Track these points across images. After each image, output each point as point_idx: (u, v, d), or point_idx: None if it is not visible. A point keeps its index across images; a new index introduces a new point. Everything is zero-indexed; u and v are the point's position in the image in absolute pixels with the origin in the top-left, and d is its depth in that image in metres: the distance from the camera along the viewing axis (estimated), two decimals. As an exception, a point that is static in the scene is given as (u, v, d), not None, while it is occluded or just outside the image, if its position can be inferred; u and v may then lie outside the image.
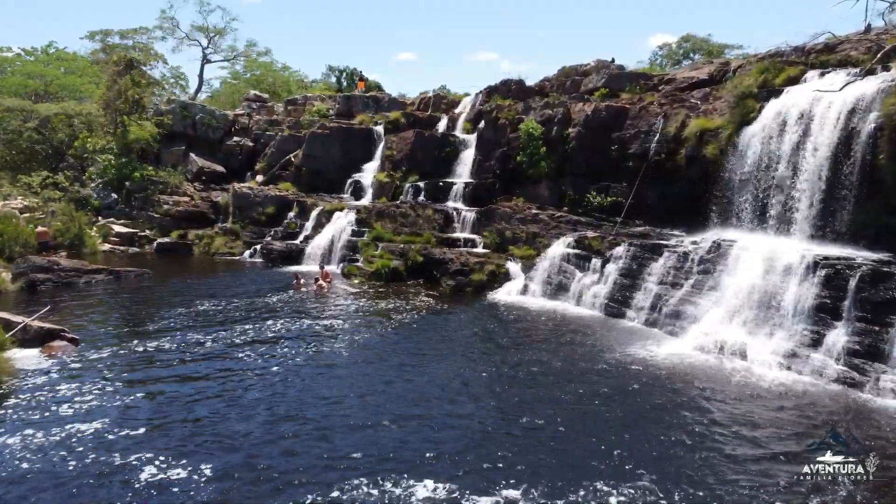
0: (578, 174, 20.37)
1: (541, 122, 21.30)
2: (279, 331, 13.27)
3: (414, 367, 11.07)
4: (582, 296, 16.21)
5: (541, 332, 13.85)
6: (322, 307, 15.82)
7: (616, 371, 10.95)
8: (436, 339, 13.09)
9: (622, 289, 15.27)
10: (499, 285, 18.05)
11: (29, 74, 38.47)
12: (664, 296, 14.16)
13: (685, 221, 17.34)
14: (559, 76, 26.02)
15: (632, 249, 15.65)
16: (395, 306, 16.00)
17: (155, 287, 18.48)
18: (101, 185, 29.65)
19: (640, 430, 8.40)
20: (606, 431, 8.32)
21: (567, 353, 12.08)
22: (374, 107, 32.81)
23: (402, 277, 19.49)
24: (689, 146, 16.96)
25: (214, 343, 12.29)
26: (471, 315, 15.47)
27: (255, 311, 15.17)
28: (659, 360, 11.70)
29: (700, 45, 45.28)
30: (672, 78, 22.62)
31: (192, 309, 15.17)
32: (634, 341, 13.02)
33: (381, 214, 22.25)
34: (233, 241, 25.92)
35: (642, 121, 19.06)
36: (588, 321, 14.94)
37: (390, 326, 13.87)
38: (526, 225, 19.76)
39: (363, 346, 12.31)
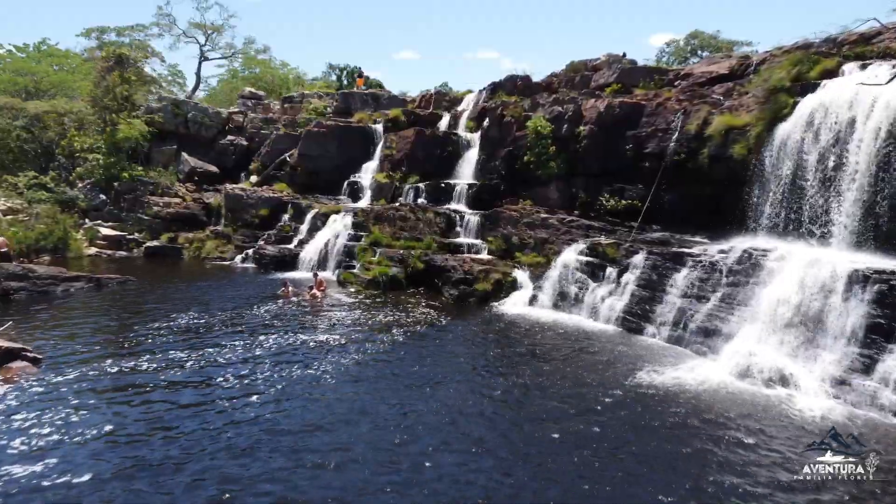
0: (590, 175, 19.04)
1: (550, 120, 19.97)
2: (265, 349, 11.99)
3: (409, 394, 9.78)
4: (596, 308, 14.90)
5: (552, 351, 12.55)
6: (314, 320, 14.55)
7: (640, 400, 9.63)
8: (435, 359, 11.79)
9: (641, 301, 13.96)
10: (505, 295, 16.76)
11: (18, 71, 37.30)
12: (689, 310, 12.85)
13: (707, 227, 16.04)
14: (567, 71, 24.68)
15: (651, 258, 14.34)
16: (393, 319, 14.72)
17: (137, 296, 17.23)
18: (88, 186, 28.43)
19: (675, 477, 7.10)
20: (637, 484, 7.03)
21: (583, 376, 10.77)
22: (373, 104, 31.55)
23: (401, 286, 18.22)
24: (712, 145, 15.63)
25: (193, 363, 11.03)
26: (475, 330, 14.18)
27: (241, 324, 13.92)
28: (688, 385, 10.40)
29: (708, 41, 44.03)
30: (689, 73, 21.30)
31: (172, 322, 13.92)
32: (658, 361, 11.73)
33: (380, 217, 20.98)
34: (224, 244, 24.69)
35: (660, 118, 17.73)
36: (604, 337, 13.64)
37: (386, 344, 12.57)
38: (534, 230, 18.43)
39: (353, 370, 11.01)
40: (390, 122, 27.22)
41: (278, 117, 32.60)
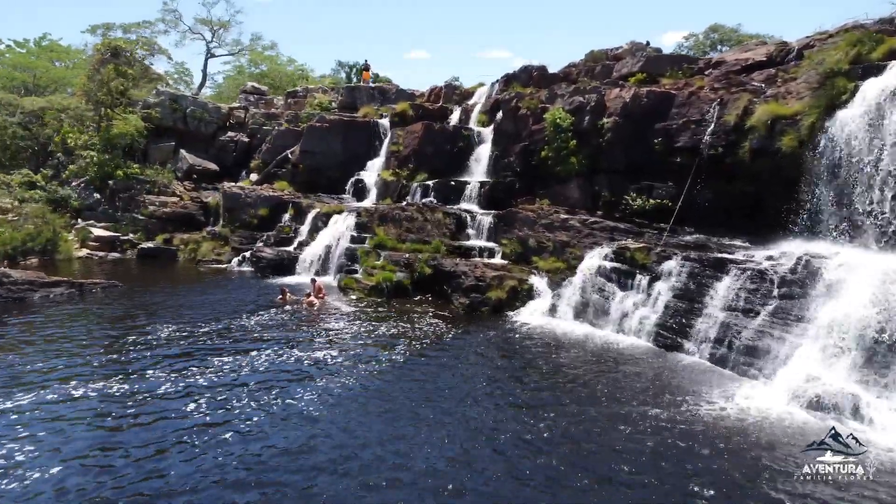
0: (615, 172, 17.35)
1: (570, 111, 18.31)
2: (252, 370, 10.51)
3: (410, 430, 8.24)
4: (625, 321, 13.28)
5: (576, 369, 10.97)
6: (309, 333, 13.07)
7: (682, 432, 8.07)
8: (442, 383, 10.24)
9: (677, 314, 12.32)
10: (521, 304, 15.19)
11: (16, 66, 36.27)
12: (735, 326, 11.19)
13: (748, 229, 14.37)
14: (587, 61, 22.99)
15: (687, 265, 12.68)
16: (396, 332, 13.21)
17: (120, 303, 15.87)
18: (82, 185, 27.23)
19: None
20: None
21: (619, 406, 9.18)
22: (380, 99, 30.11)
23: (406, 292, 16.71)
24: (755, 137, 13.92)
25: (170, 386, 9.61)
26: (488, 346, 12.62)
27: (229, 337, 12.50)
28: (736, 415, 8.81)
29: (729, 35, 42.12)
30: (721, 60, 19.56)
31: (153, 335, 12.52)
32: (700, 385, 10.12)
33: (385, 218, 19.47)
34: (221, 246, 23.35)
35: (692, 108, 16.04)
36: (635, 354, 12.03)
37: (385, 365, 11.04)
38: (553, 232, 16.81)
39: (346, 398, 9.47)
40: (397, 116, 25.71)
41: (281, 113, 31.26)
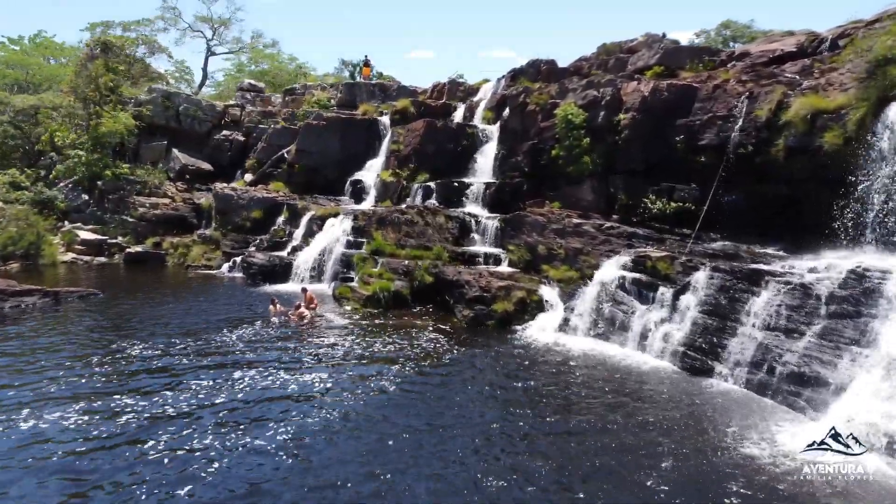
0: (632, 172, 15.97)
1: (582, 107, 16.93)
2: (229, 395, 9.23)
3: (406, 472, 6.94)
4: (646, 338, 11.92)
5: (592, 396, 9.64)
6: (296, 351, 11.77)
7: (714, 477, 6.77)
8: (441, 409, 8.95)
9: (706, 332, 10.96)
10: (530, 318, 13.86)
11: (8, 63, 35.25)
12: (776, 348, 9.81)
13: (781, 236, 13.00)
14: (599, 54, 21.61)
15: (717, 277, 11.31)
16: (393, 350, 11.91)
17: (96, 315, 14.66)
18: (70, 186, 26.09)
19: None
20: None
21: (645, 444, 7.85)
22: (380, 96, 28.83)
23: (405, 303, 15.43)
24: (791, 134, 12.53)
25: (132, 417, 8.38)
26: (493, 365, 11.30)
27: (206, 357, 11.23)
28: (780, 457, 7.50)
29: (741, 31, 40.77)
30: (745, 52, 18.19)
31: (124, 353, 11.29)
32: (736, 418, 8.79)
33: (383, 222, 18.17)
34: (212, 250, 22.14)
35: (718, 103, 14.65)
36: (659, 377, 10.69)
37: (380, 388, 9.74)
38: (564, 238, 15.44)
39: (334, 427, 8.22)
40: (398, 114, 24.41)
41: (278, 111, 30.03)
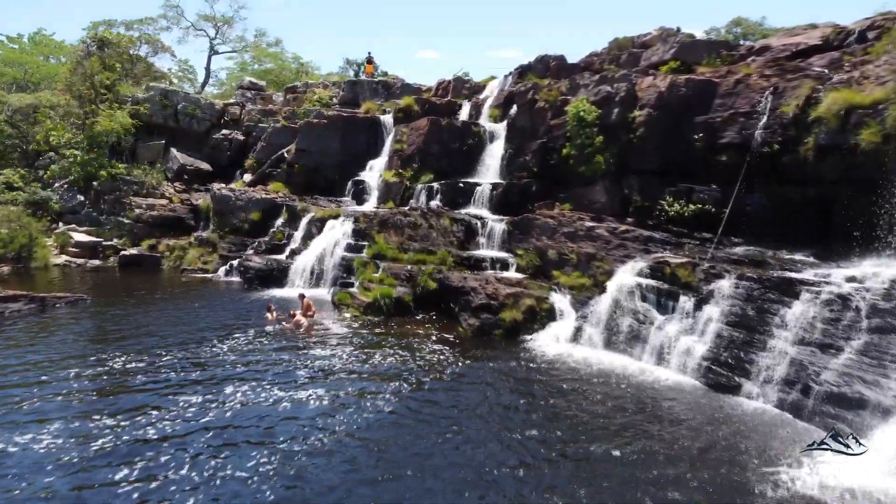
0: (648, 172, 15.10)
1: (595, 103, 16.08)
2: (217, 414, 8.46)
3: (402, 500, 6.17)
4: (666, 351, 11.09)
5: (607, 414, 8.84)
6: (292, 363, 10.97)
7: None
8: (444, 429, 8.15)
9: (732, 346, 10.11)
10: (540, 327, 13.05)
11: (6, 62, 34.71)
12: (811, 365, 8.97)
13: (810, 241, 12.12)
14: (611, 49, 20.75)
15: (744, 285, 10.46)
16: (394, 363, 11.12)
17: (83, 322, 13.95)
18: (65, 186, 25.46)
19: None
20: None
21: (653, 462, 7.03)
22: (384, 94, 28.06)
23: (408, 310, 14.65)
24: (823, 131, 11.67)
25: (107, 440, 7.64)
26: (500, 379, 10.49)
27: (195, 369, 10.48)
28: (817, 490, 6.66)
29: (753, 28, 39.95)
30: (766, 46, 17.27)
31: (106, 367, 10.53)
32: (767, 441, 7.97)
33: (385, 224, 17.39)
34: (209, 253, 21.42)
35: (740, 98, 13.79)
36: (682, 394, 9.86)
37: (378, 406, 8.95)
38: (576, 242, 14.60)
39: (332, 451, 7.43)
40: (401, 112, 23.63)
41: (279, 109, 29.31)
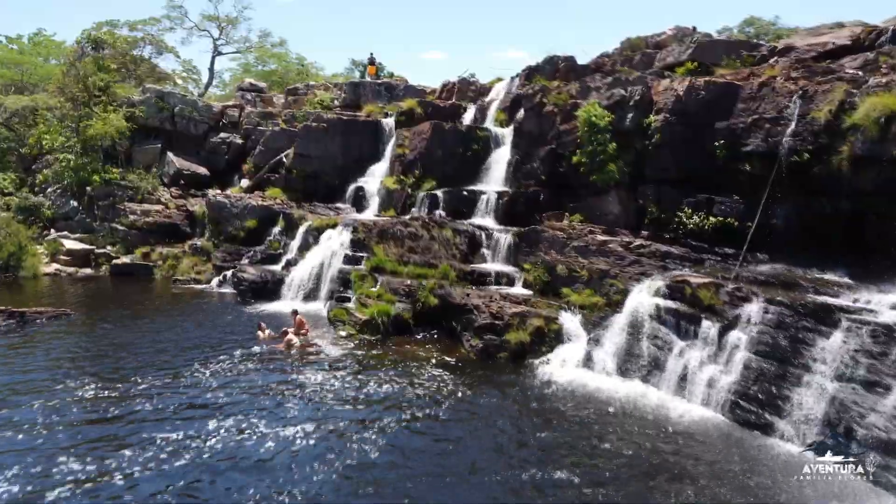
0: (665, 182, 14.11)
1: (608, 107, 15.10)
2: (191, 457, 7.61)
3: None
4: (687, 382, 10.11)
5: (623, 455, 7.95)
6: (280, 392, 10.05)
7: None
8: (442, 472, 7.27)
9: (762, 379, 9.13)
10: (548, 350, 12.10)
11: (4, 63, 34.14)
12: (854, 405, 7.97)
13: (845, 259, 11.11)
14: (624, 49, 19.79)
15: (774, 311, 9.47)
16: (390, 389, 10.23)
17: (62, 340, 13.17)
18: (58, 191, 24.75)
19: None
20: None
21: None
22: (387, 96, 27.20)
23: (407, 328, 13.76)
24: (859, 140, 10.66)
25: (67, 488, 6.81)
26: (505, 409, 9.58)
27: (172, 397, 9.66)
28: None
29: (766, 28, 39.04)
30: (789, 46, 16.24)
31: (77, 396, 9.71)
32: (805, 495, 7.00)
33: (385, 234, 16.49)
34: (203, 263, 20.62)
35: (766, 103, 12.78)
36: (706, 433, 8.89)
37: (373, 444, 8.05)
38: (588, 257, 13.64)
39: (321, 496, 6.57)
40: (404, 115, 22.72)
41: (279, 111, 28.48)
